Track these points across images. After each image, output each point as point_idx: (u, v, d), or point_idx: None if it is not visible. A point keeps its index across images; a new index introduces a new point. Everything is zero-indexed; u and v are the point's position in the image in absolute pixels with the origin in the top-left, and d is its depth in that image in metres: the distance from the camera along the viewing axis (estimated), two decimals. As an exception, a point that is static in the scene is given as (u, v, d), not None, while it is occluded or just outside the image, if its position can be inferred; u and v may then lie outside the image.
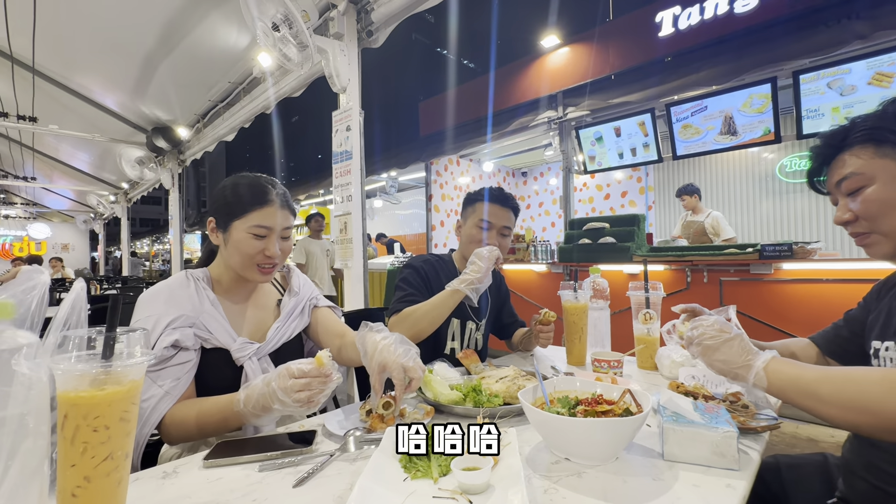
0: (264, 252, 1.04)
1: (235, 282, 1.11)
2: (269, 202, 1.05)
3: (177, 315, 0.96)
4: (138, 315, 0.97)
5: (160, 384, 0.90)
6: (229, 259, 1.06)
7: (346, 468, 0.73)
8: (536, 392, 0.86)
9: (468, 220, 1.51)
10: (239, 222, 1.03)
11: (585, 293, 1.41)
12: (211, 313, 1.01)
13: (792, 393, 0.74)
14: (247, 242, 1.02)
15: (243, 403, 0.85)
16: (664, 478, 0.68)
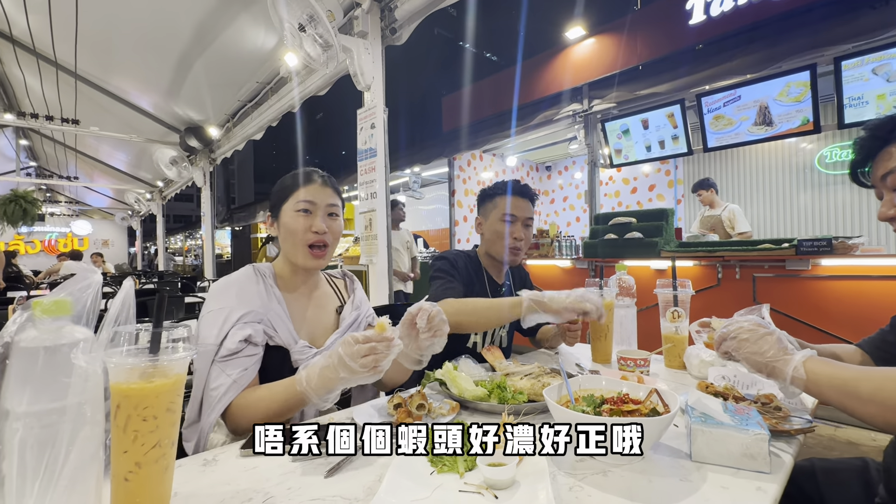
0: (311, 228, 1.07)
1: (295, 275, 1.14)
2: (311, 181, 1.11)
3: (248, 310, 0.99)
4: (211, 306, 1.00)
5: (228, 373, 0.93)
6: (283, 246, 1.10)
7: (376, 460, 0.76)
8: (561, 390, 0.86)
9: (490, 216, 1.50)
10: (287, 205, 1.09)
11: (611, 291, 1.39)
12: (277, 312, 1.05)
13: (829, 390, 0.72)
14: (294, 220, 1.07)
15: (305, 382, 0.87)
16: (692, 479, 0.67)
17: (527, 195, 1.49)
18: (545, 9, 8.39)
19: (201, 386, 0.94)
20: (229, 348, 0.94)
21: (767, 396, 0.91)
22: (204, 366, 0.94)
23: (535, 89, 5.16)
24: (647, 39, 4.16)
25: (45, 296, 0.53)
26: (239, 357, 0.95)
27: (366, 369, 0.82)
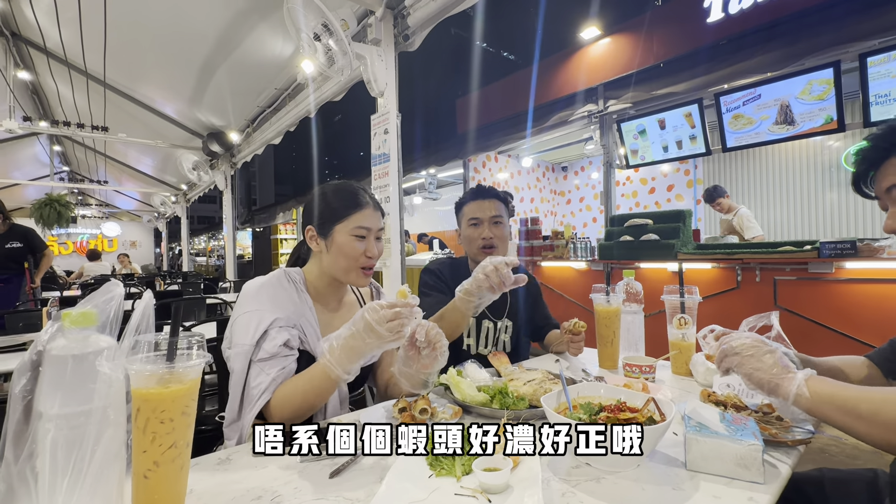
0: (366, 253, 1.12)
1: (329, 287, 1.18)
2: (365, 204, 1.14)
3: (282, 315, 1.03)
4: (244, 308, 1.03)
5: (268, 372, 0.97)
6: (332, 264, 1.13)
7: (378, 463, 0.79)
8: (560, 397, 0.88)
9: (462, 224, 1.59)
10: (341, 226, 1.11)
11: (618, 296, 1.40)
12: (308, 319, 1.08)
13: (830, 410, 0.73)
14: (350, 245, 1.10)
15: (328, 353, 0.90)
16: (684, 487, 0.68)
17: (487, 195, 1.55)
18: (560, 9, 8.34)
19: (240, 385, 0.98)
20: (269, 351, 0.98)
21: (769, 406, 0.91)
22: (242, 365, 0.98)
23: (550, 90, 5.14)
24: (664, 38, 4.10)
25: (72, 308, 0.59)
26: (277, 358, 1.00)
27: (392, 333, 0.86)
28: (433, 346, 1.00)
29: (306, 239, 1.16)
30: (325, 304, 1.17)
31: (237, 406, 0.98)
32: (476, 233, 1.53)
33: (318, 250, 1.15)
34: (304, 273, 1.17)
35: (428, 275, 1.56)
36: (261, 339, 0.98)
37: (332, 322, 1.16)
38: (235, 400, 0.98)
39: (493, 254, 1.52)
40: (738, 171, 6.24)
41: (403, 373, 1.03)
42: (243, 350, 0.98)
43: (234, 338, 1.01)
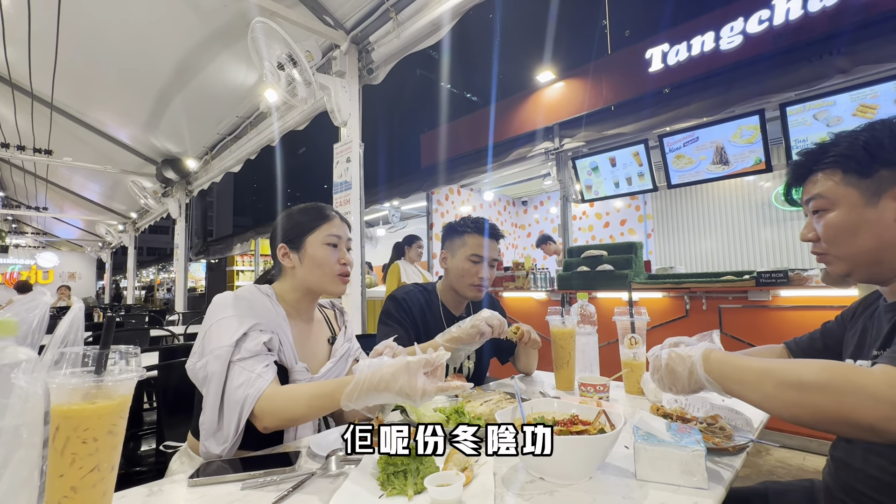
0: (340, 260, 1.14)
1: (301, 302, 1.15)
2: (332, 216, 1.17)
3: (261, 321, 1.00)
4: (220, 314, 0.98)
5: (251, 369, 0.93)
6: (308, 276, 1.12)
7: (326, 486, 0.75)
8: (515, 413, 0.88)
9: (457, 253, 1.53)
10: (312, 237, 1.13)
11: (573, 318, 1.43)
12: (284, 330, 1.05)
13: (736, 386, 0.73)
14: (324, 253, 1.12)
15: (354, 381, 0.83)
16: (634, 497, 0.69)
17: (498, 236, 1.55)
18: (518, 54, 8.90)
19: (219, 391, 0.92)
20: (251, 350, 0.94)
21: (713, 417, 0.95)
22: (220, 369, 0.92)
23: (510, 128, 5.39)
24: (612, 84, 4.44)
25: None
26: (261, 356, 0.96)
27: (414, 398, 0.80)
28: None
29: (278, 257, 1.14)
30: (297, 320, 1.15)
31: (216, 413, 0.91)
32: (475, 269, 1.50)
33: (290, 265, 1.14)
34: (273, 289, 1.15)
35: (393, 304, 1.51)
36: (241, 339, 0.95)
37: (302, 338, 1.14)
38: (214, 408, 0.92)
39: (482, 293, 1.54)
40: (683, 207, 6.68)
41: None
42: (221, 352, 0.93)
43: (209, 345, 0.95)
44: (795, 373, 0.67)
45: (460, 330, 1.27)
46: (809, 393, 0.64)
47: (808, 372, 0.65)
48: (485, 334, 1.26)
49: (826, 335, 1.05)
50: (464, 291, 1.52)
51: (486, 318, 1.27)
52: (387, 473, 0.73)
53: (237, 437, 0.91)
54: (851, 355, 0.91)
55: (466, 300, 1.59)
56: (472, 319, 1.28)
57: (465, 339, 1.26)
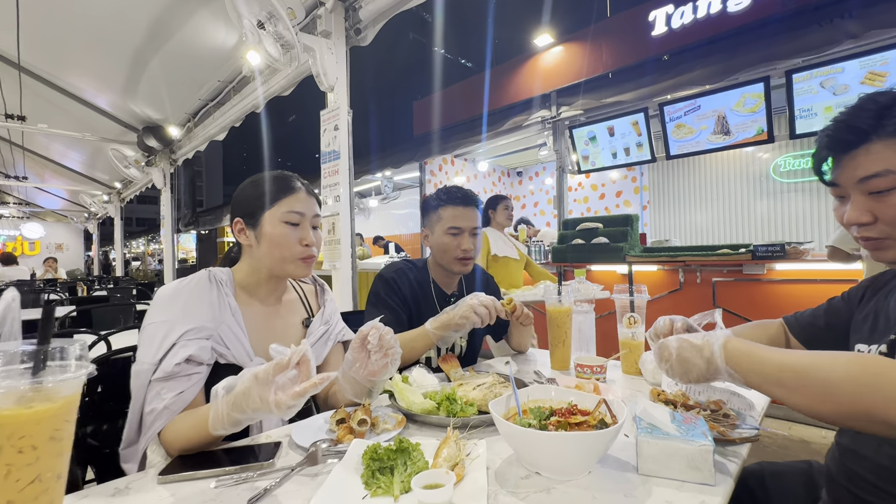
0: (301, 241, 1.01)
1: (263, 284, 1.06)
2: (296, 189, 1.04)
3: (194, 326, 0.90)
4: (153, 318, 0.90)
5: (163, 397, 0.84)
6: (266, 257, 1.01)
7: (307, 483, 0.70)
8: (509, 402, 0.83)
9: (435, 229, 1.45)
10: (270, 213, 1.01)
11: (569, 297, 1.38)
12: (230, 326, 0.96)
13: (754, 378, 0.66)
14: (282, 233, 1.00)
15: (217, 402, 0.75)
16: (636, 494, 0.65)
17: (473, 203, 1.46)
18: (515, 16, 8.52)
19: (138, 406, 0.86)
20: (166, 370, 0.85)
21: (716, 403, 0.91)
22: (141, 385, 0.86)
23: (506, 95, 5.19)
24: (613, 49, 4.25)
25: None
26: (177, 378, 0.86)
27: (279, 410, 0.70)
28: (385, 351, 0.92)
29: (234, 234, 1.04)
30: (259, 306, 1.06)
31: (136, 426, 0.85)
32: (455, 243, 1.42)
33: (248, 244, 1.04)
34: (232, 272, 1.06)
35: (382, 285, 1.43)
36: (165, 355, 0.86)
37: (266, 326, 1.05)
38: (134, 421, 0.86)
39: (469, 265, 1.46)
40: (679, 178, 6.60)
41: (348, 378, 0.94)
42: (143, 368, 0.86)
43: (138, 353, 0.88)
44: (821, 368, 0.61)
45: (449, 316, 1.22)
46: (837, 389, 0.59)
47: (835, 368, 0.60)
48: (475, 322, 1.20)
49: (831, 313, 0.99)
50: (450, 266, 1.45)
51: (474, 306, 1.21)
52: (371, 470, 0.68)
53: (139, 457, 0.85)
54: (865, 340, 0.86)
55: (457, 276, 1.53)
56: (461, 306, 1.22)
57: (454, 325, 1.21)
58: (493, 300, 1.23)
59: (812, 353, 0.64)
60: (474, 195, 1.48)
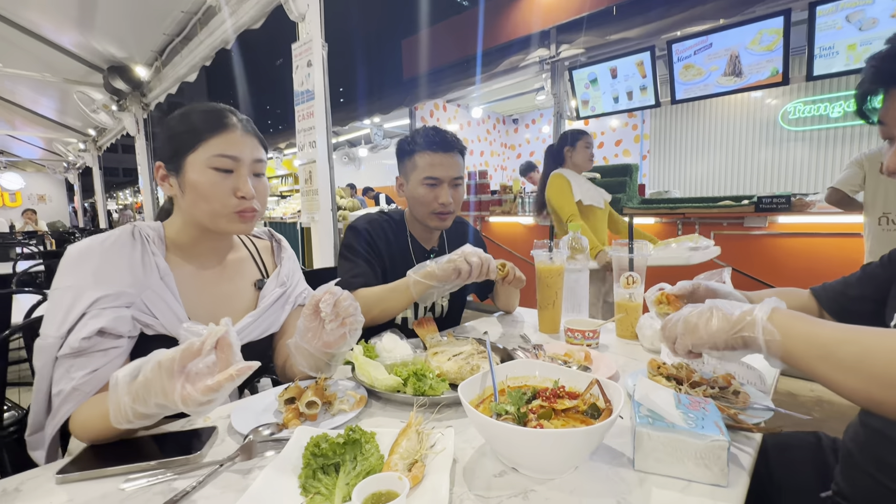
0: (236, 192, 0.82)
1: (199, 242, 0.89)
2: (229, 126, 0.84)
3: (109, 292, 0.74)
4: (58, 282, 0.75)
5: (72, 376, 0.71)
6: (193, 209, 0.83)
7: (236, 483, 0.58)
8: (485, 380, 0.70)
9: (410, 178, 1.26)
10: (194, 156, 0.81)
11: (562, 253, 1.23)
12: (158, 290, 0.80)
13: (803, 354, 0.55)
14: (208, 180, 0.81)
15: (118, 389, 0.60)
16: (632, 499, 0.53)
17: (453, 149, 1.25)
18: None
19: (44, 387, 0.73)
20: (73, 345, 0.70)
21: (725, 378, 0.78)
22: (45, 363, 0.72)
23: (502, 32, 4.78)
24: (620, -22, 3.84)
25: None
26: (88, 354, 0.72)
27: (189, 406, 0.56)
28: (342, 319, 0.78)
29: (158, 181, 0.86)
30: (195, 266, 0.90)
31: (43, 410, 0.72)
32: (432, 195, 1.23)
33: (172, 193, 0.86)
34: (163, 227, 0.89)
35: (354, 235, 1.27)
36: (72, 327, 0.71)
37: (206, 290, 0.90)
38: (40, 403, 0.73)
39: (448, 220, 1.29)
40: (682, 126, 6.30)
41: (301, 350, 0.81)
42: (46, 343, 0.71)
43: (42, 324, 0.73)
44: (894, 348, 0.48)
45: (436, 266, 1.05)
46: None
47: None
48: (462, 274, 1.04)
49: (866, 282, 0.86)
50: (426, 221, 1.28)
51: (467, 255, 1.05)
52: (312, 469, 0.56)
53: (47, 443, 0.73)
54: None
55: (437, 230, 1.37)
56: (450, 255, 1.06)
57: (439, 276, 1.05)
58: (485, 257, 1.07)
59: (880, 330, 0.51)
60: (455, 139, 1.27)
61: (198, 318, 0.86)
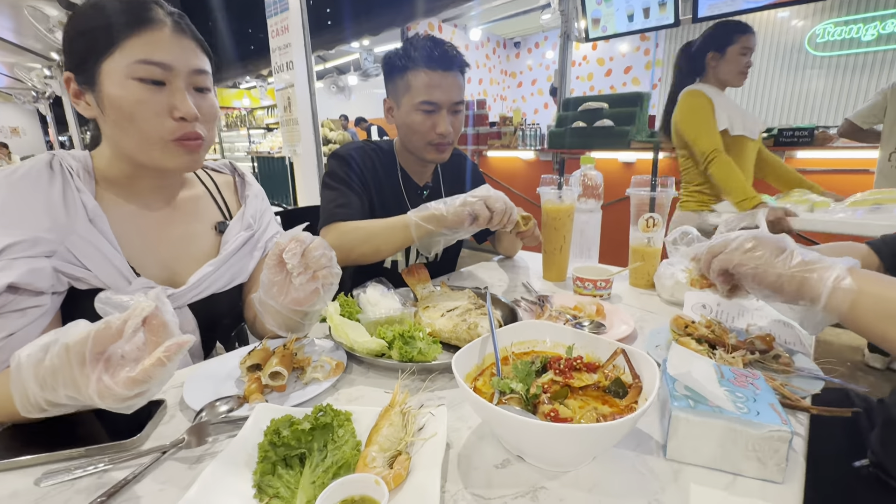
0: (172, 111, 0.65)
1: (136, 180, 0.72)
2: (152, 22, 0.64)
3: (19, 239, 0.59)
4: None
5: None
6: (117, 137, 0.66)
7: (181, 476, 0.48)
8: (486, 346, 0.58)
9: (402, 101, 1.05)
10: (110, 63, 0.62)
11: (572, 191, 1.07)
12: (87, 235, 0.65)
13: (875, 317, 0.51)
14: (134, 97, 0.63)
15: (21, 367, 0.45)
16: (665, 500, 0.43)
17: (453, 65, 1.02)
18: None
19: None
20: None
21: (765, 339, 0.67)
22: None
23: (505, -64, 4.20)
24: None
25: None
26: (1, 315, 0.59)
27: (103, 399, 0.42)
28: (313, 272, 0.64)
29: (71, 98, 0.68)
30: (140, 203, 0.75)
31: None
32: (429, 123, 1.04)
33: (92, 115, 0.68)
34: (92, 158, 0.72)
35: (338, 163, 1.09)
36: None
37: (153, 232, 0.75)
38: None
39: (446, 152, 1.10)
40: (698, 52, 5.82)
41: (267, 307, 0.68)
42: None
43: None
44: None
45: (446, 208, 0.87)
46: None
47: None
48: (480, 221, 0.87)
49: None
50: (421, 153, 1.10)
51: (490, 199, 0.87)
52: (271, 462, 0.45)
53: None
54: None
55: (431, 164, 1.20)
56: (465, 197, 0.88)
57: (450, 221, 0.87)
58: (508, 203, 0.90)
59: None
60: (457, 53, 1.04)
61: (145, 270, 0.72)
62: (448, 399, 0.60)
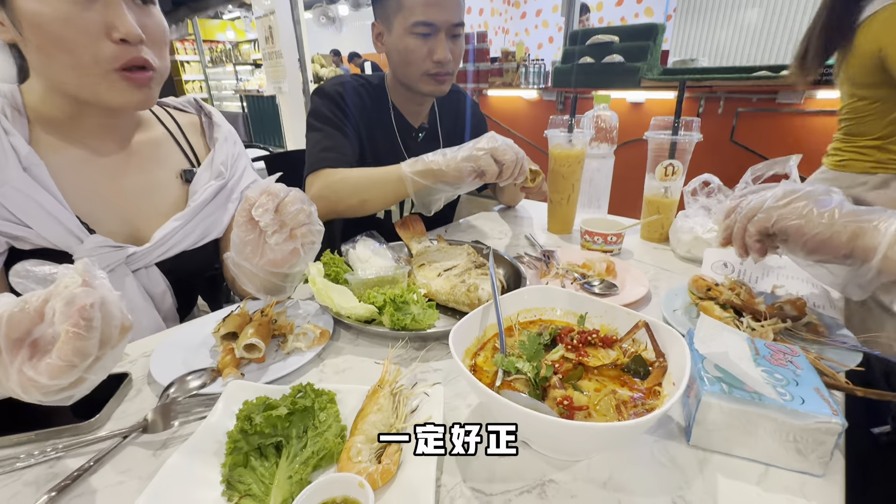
0: (110, 31, 0.54)
1: (78, 117, 0.62)
2: None
3: None
4: None
5: None
6: (43, 67, 0.56)
7: (143, 465, 0.42)
8: (487, 316, 0.51)
9: (395, 24, 0.91)
10: None
11: (584, 135, 0.96)
12: (22, 186, 0.56)
13: None
14: (57, 12, 0.51)
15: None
16: (691, 497, 0.38)
17: None
18: None
19: None
20: None
21: (796, 305, 0.60)
22: None
23: None
24: None
25: None
26: None
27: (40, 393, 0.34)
28: (291, 232, 0.55)
29: None
30: (88, 148, 0.64)
31: None
32: (425, 49, 0.90)
33: (9, 39, 0.56)
34: (21, 93, 0.61)
35: (323, 101, 0.97)
36: None
37: (104, 182, 0.65)
38: None
39: (446, 84, 0.97)
40: (718, -21, 5.33)
41: (242, 268, 0.60)
42: None
43: None
44: None
45: (445, 161, 0.76)
46: None
47: None
48: (487, 176, 0.76)
49: None
50: (416, 85, 0.97)
51: (497, 151, 0.75)
52: (242, 453, 0.39)
53: None
54: None
55: (428, 100, 1.07)
56: (470, 148, 0.76)
57: (451, 177, 0.77)
58: (519, 154, 0.77)
59: None
60: None
61: (100, 226, 0.64)
62: (445, 371, 0.54)
